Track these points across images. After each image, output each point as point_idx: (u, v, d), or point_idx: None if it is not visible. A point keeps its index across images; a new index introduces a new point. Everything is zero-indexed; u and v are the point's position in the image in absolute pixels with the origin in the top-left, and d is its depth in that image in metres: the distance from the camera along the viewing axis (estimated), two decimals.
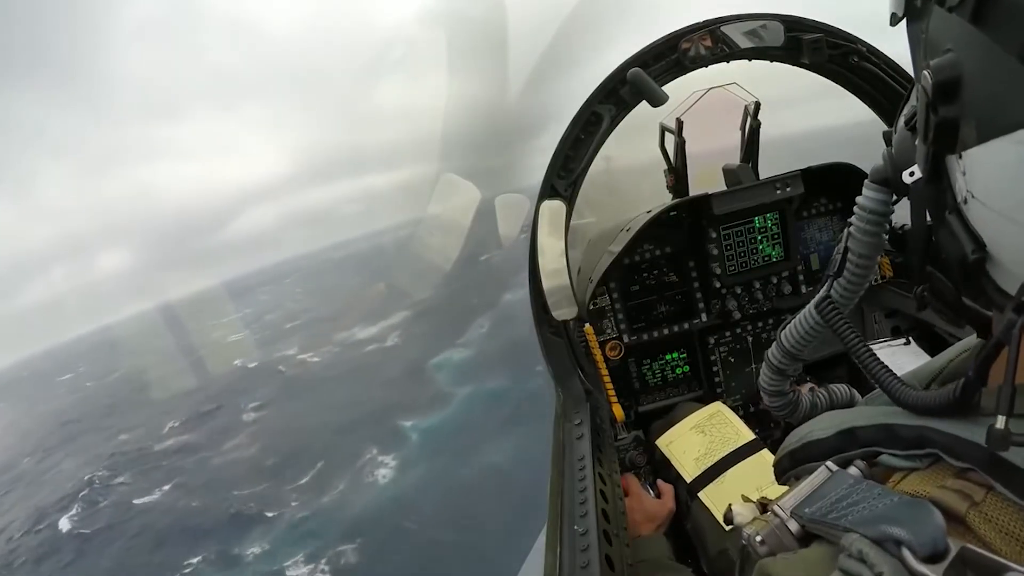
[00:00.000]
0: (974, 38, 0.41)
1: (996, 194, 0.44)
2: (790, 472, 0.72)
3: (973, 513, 0.46)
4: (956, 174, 0.48)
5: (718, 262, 2.28)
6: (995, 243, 0.46)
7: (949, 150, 0.48)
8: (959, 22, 0.42)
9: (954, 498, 0.48)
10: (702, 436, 1.88)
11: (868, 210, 0.72)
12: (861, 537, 0.45)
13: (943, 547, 0.42)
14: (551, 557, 1.27)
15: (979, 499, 0.47)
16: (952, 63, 0.44)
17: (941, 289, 0.56)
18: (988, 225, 0.46)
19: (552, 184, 1.97)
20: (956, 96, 0.45)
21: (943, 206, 0.51)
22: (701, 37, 1.96)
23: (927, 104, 0.47)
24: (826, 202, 2.39)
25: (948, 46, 0.45)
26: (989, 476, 0.47)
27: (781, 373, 0.99)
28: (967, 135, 0.45)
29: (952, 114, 0.45)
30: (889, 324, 2.38)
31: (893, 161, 0.65)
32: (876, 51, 2.00)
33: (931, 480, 0.52)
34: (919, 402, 0.56)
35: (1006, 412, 0.43)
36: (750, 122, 2.56)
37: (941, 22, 0.46)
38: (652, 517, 1.69)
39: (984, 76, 0.42)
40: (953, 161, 0.48)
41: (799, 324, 0.91)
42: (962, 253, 0.48)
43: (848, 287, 0.80)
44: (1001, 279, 0.47)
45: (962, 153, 0.46)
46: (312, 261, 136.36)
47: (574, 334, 2.05)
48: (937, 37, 0.47)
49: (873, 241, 0.75)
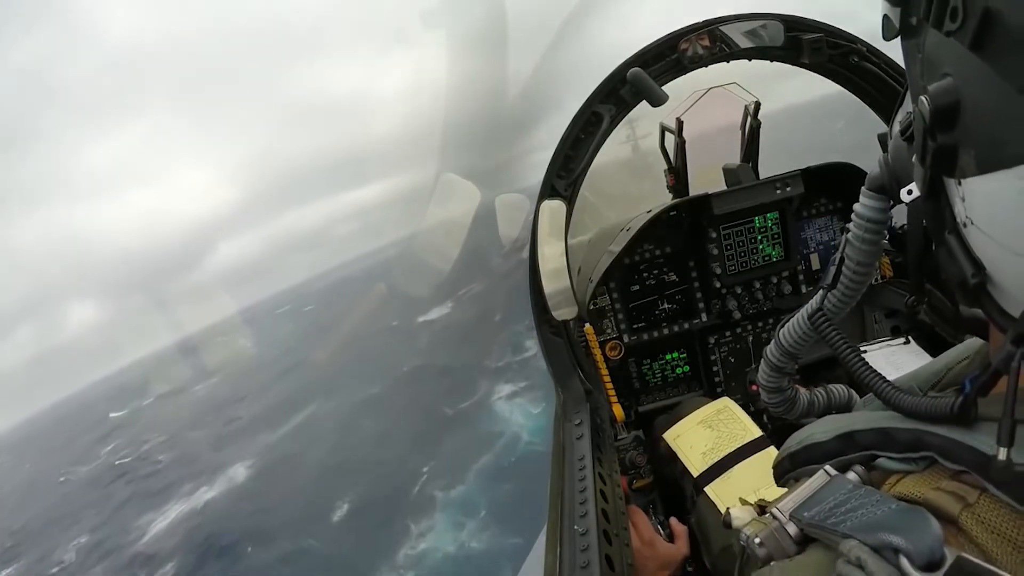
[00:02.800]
0: (974, 65, 0.40)
1: (997, 225, 0.43)
2: (790, 474, 0.73)
3: (966, 514, 0.47)
4: (955, 198, 0.47)
5: (718, 262, 2.28)
6: (996, 269, 0.45)
7: (948, 174, 0.47)
8: (958, 47, 0.40)
9: (948, 499, 0.48)
10: (709, 431, 1.88)
11: (866, 218, 0.71)
12: (859, 544, 0.46)
13: (940, 556, 0.43)
14: (551, 557, 1.27)
15: (972, 501, 0.47)
16: (950, 89, 0.43)
17: (939, 305, 0.56)
18: (988, 252, 0.45)
19: (552, 184, 1.97)
20: (955, 123, 0.43)
21: (942, 225, 0.50)
22: (700, 37, 1.96)
23: (924, 129, 0.46)
24: (826, 202, 2.39)
25: (946, 70, 0.44)
26: (984, 479, 0.48)
27: (779, 370, 1.00)
28: (966, 164, 0.44)
29: (951, 141, 0.44)
30: (889, 324, 2.38)
31: (889, 170, 0.64)
32: (876, 51, 2.00)
33: (926, 482, 0.53)
34: (915, 409, 0.56)
35: (1007, 444, 0.43)
36: (750, 122, 2.56)
37: (939, 44, 0.44)
38: (666, 565, 1.56)
39: (984, 105, 0.41)
40: (952, 185, 0.47)
41: (794, 329, 0.91)
42: (962, 275, 0.47)
43: (843, 296, 0.79)
44: (1003, 300, 0.46)
45: (961, 180, 0.45)
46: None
47: (574, 334, 2.05)
48: (935, 58, 0.46)
49: (872, 249, 0.74)
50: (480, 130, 69.40)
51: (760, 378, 1.04)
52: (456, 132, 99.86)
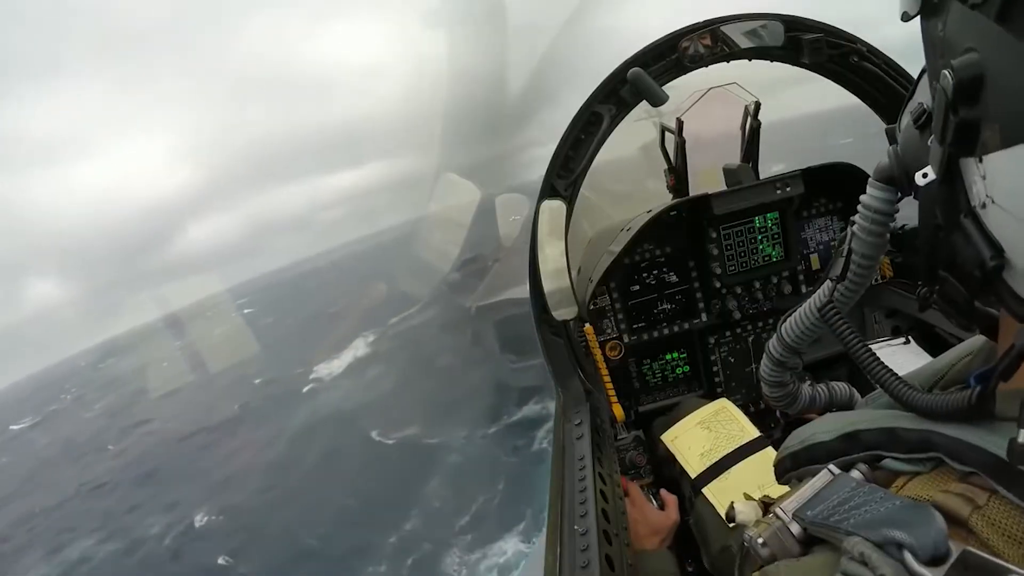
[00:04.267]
0: (1000, 38, 0.40)
1: (1020, 200, 0.43)
2: (792, 473, 0.72)
3: (976, 516, 0.46)
4: (974, 177, 0.47)
5: (718, 262, 2.28)
6: (1015, 250, 0.45)
7: (968, 153, 0.46)
8: (983, 20, 0.40)
9: (957, 502, 0.48)
10: (707, 432, 1.88)
11: (873, 209, 0.71)
12: (863, 540, 0.46)
13: (944, 550, 0.42)
14: (551, 557, 1.27)
15: (982, 503, 0.47)
16: (975, 62, 0.43)
17: (952, 293, 0.54)
18: (1009, 231, 0.45)
19: (552, 184, 1.97)
20: (978, 97, 0.43)
21: (957, 209, 0.49)
22: (701, 37, 1.96)
23: (946, 104, 0.45)
24: (826, 202, 2.39)
25: (970, 44, 0.44)
26: (993, 480, 0.47)
27: (781, 365, 1.00)
28: (989, 139, 0.43)
29: (973, 116, 0.44)
30: (889, 324, 2.38)
31: (899, 159, 0.64)
32: (876, 51, 2.00)
33: (934, 484, 0.52)
34: (929, 406, 0.55)
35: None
36: (750, 122, 2.56)
37: (962, 20, 0.44)
38: (657, 530, 1.66)
39: (1009, 78, 0.41)
40: (971, 164, 0.47)
41: (800, 321, 0.90)
42: (979, 258, 0.46)
43: (850, 289, 0.79)
44: (1019, 286, 0.46)
45: (982, 157, 0.45)
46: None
47: (574, 334, 2.05)
48: (957, 35, 0.46)
49: (878, 241, 0.73)
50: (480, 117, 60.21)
51: (762, 372, 1.04)
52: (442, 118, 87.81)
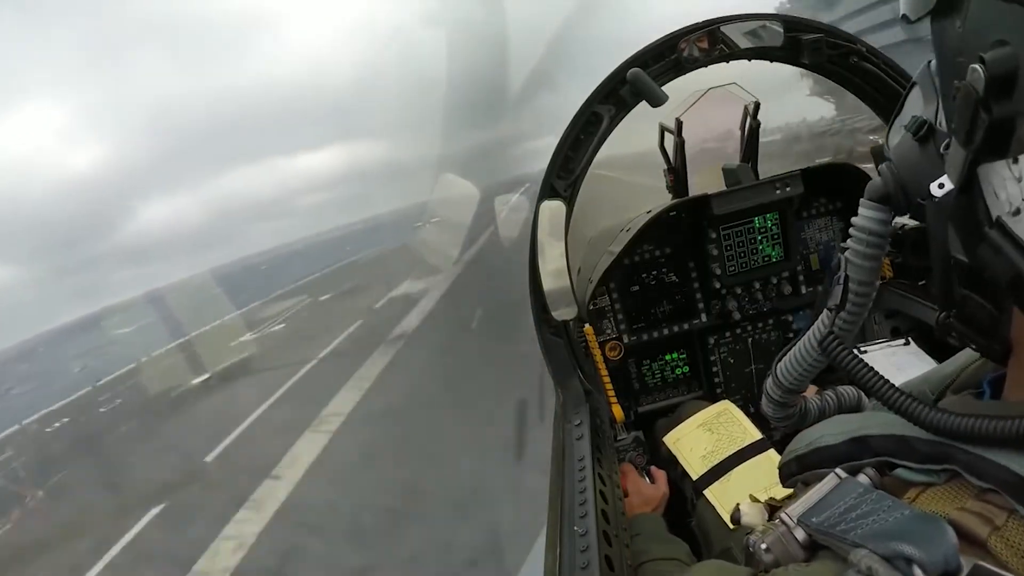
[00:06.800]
0: None
1: None
2: (797, 476, 0.71)
3: (995, 538, 0.44)
4: (1003, 181, 0.44)
5: (718, 262, 2.28)
6: None
7: (1000, 154, 0.43)
8: (1016, 10, 0.39)
9: (975, 521, 0.46)
10: (709, 434, 1.88)
11: (868, 231, 0.65)
12: (870, 553, 0.44)
13: (955, 565, 0.41)
14: (551, 557, 1.27)
15: (1000, 523, 0.45)
16: (1011, 56, 0.40)
17: (975, 314, 0.51)
18: None
19: (552, 184, 1.97)
20: (1012, 92, 0.41)
21: (978, 220, 0.46)
22: (700, 37, 1.96)
23: (976, 102, 0.43)
24: (826, 202, 2.39)
25: (1001, 37, 0.41)
26: (1015, 500, 0.45)
27: (783, 406, 0.92)
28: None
29: (1008, 112, 0.41)
30: (889, 325, 2.38)
31: (896, 176, 0.60)
32: (876, 51, 2.00)
33: (949, 499, 0.50)
34: (975, 431, 0.50)
35: None
36: (750, 122, 2.56)
37: (989, 12, 0.43)
38: (649, 500, 1.74)
39: None
40: (997, 168, 0.44)
41: (799, 360, 0.81)
42: (1015, 270, 0.43)
43: (851, 317, 0.73)
44: None
45: (1017, 157, 0.42)
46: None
47: (574, 334, 2.05)
48: (982, 29, 0.44)
49: (874, 266, 0.68)
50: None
51: (764, 411, 0.95)
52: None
